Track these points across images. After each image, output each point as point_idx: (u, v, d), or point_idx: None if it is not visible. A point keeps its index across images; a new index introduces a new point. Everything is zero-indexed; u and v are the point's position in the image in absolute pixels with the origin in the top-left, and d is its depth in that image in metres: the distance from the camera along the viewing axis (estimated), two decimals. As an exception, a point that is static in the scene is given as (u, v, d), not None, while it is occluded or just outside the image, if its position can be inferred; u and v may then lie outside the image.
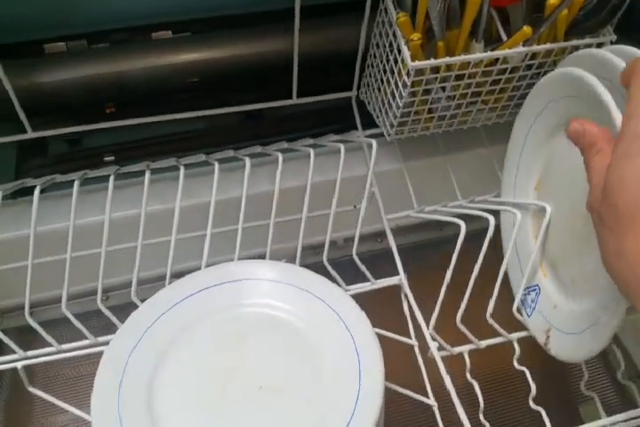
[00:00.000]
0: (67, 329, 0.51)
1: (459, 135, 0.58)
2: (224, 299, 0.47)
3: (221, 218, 0.53)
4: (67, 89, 0.59)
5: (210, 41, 0.62)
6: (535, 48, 0.47)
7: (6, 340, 0.48)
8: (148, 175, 0.50)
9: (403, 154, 0.59)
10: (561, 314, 0.47)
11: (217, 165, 0.50)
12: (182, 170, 0.51)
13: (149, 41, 0.62)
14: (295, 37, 0.53)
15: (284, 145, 0.56)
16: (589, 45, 0.49)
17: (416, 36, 0.45)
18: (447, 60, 0.46)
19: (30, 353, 0.49)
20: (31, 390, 0.47)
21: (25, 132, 0.56)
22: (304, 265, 0.53)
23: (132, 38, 0.61)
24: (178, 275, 0.64)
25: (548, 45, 0.47)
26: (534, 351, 0.58)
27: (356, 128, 0.60)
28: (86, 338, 0.49)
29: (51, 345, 0.49)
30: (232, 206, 0.52)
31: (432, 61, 0.46)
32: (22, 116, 0.53)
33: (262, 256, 0.53)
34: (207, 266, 0.50)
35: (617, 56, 0.40)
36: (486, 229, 0.48)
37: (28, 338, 0.53)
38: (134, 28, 0.61)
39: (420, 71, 0.47)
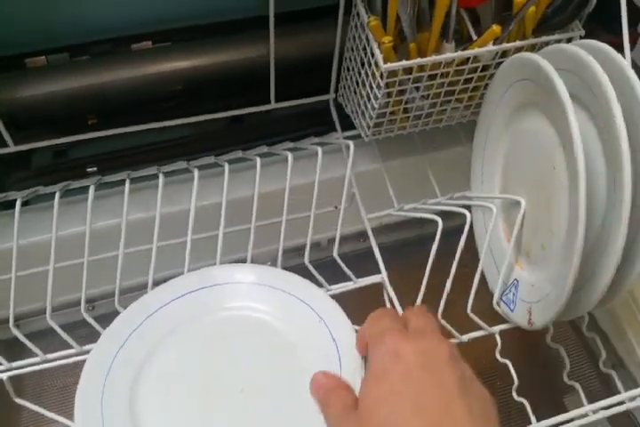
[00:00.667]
0: (54, 340, 0.50)
1: (436, 134, 0.59)
2: (206, 303, 0.47)
3: (203, 224, 0.53)
4: (49, 102, 0.60)
5: (189, 50, 0.62)
6: (505, 46, 0.48)
7: (-7, 350, 0.48)
8: (127, 184, 0.51)
9: (381, 154, 0.60)
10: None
11: (196, 172, 0.51)
12: (162, 178, 0.51)
13: (130, 52, 0.62)
14: (271, 43, 0.54)
15: (265, 149, 0.56)
16: (559, 41, 0.50)
17: (387, 39, 0.45)
18: (418, 60, 0.47)
19: (15, 364, 0.48)
20: (18, 401, 0.47)
21: (6, 146, 0.56)
22: (287, 267, 0.54)
23: (113, 50, 0.62)
24: (163, 282, 0.64)
25: (518, 43, 0.48)
26: (516, 344, 0.59)
27: (336, 130, 0.61)
28: (72, 347, 0.50)
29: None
30: (213, 212, 0.52)
31: (404, 63, 0.47)
32: (3, 129, 0.53)
33: (245, 260, 0.53)
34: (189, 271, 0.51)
35: (585, 50, 0.41)
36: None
37: (15, 350, 0.53)
38: (115, 39, 0.62)
39: (393, 73, 0.48)
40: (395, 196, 0.58)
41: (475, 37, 0.49)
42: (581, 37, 0.50)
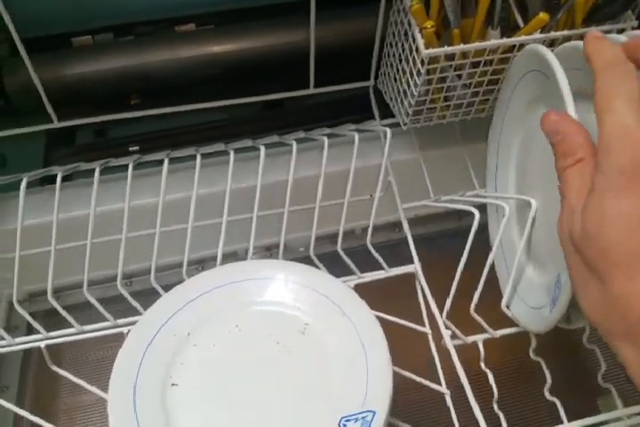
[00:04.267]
0: (91, 313, 0.52)
1: (477, 124, 0.58)
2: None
3: (238, 206, 0.54)
4: (93, 81, 0.61)
5: (232, 33, 0.63)
6: (552, 35, 0.47)
7: (31, 320, 0.50)
8: (166, 164, 0.51)
9: (420, 143, 0.59)
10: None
11: (232, 154, 0.51)
12: (199, 159, 0.52)
13: (173, 34, 0.63)
14: (311, 27, 0.53)
15: (302, 134, 0.56)
16: (609, 32, 0.48)
17: (429, 24, 0.45)
18: (461, 47, 0.46)
19: (53, 333, 0.50)
20: (54, 368, 0.49)
21: (51, 122, 0.58)
22: (321, 254, 0.55)
23: (156, 31, 0.63)
24: (197, 262, 0.65)
25: (566, 32, 0.47)
26: (551, 343, 0.58)
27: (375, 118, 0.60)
28: (108, 320, 0.51)
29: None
30: (248, 195, 0.53)
31: (446, 49, 0.46)
32: (49, 106, 0.55)
33: (277, 245, 0.54)
34: (223, 254, 0.52)
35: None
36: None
37: (53, 321, 0.55)
38: (159, 20, 0.63)
39: (434, 59, 0.47)
40: (432, 186, 0.58)
41: (522, 25, 0.48)
42: (633, 28, 0.49)
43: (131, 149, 0.61)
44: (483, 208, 0.55)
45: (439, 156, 0.61)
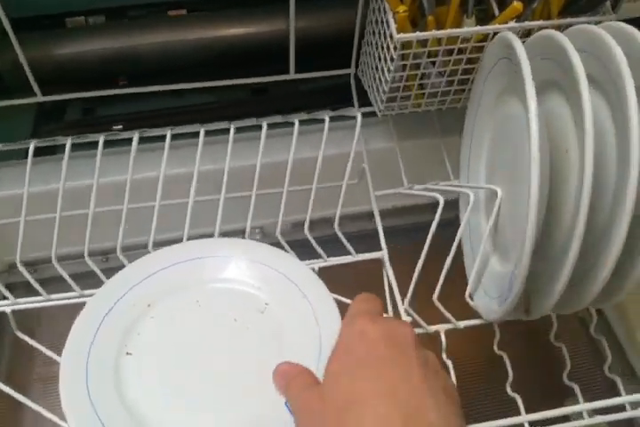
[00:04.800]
0: (65, 286, 0.53)
1: (456, 115, 0.57)
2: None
3: (210, 187, 0.54)
4: (83, 61, 0.62)
5: (220, 20, 0.64)
6: (526, 24, 0.47)
7: (1, 288, 0.51)
8: (168, 139, 0.52)
9: (397, 133, 0.59)
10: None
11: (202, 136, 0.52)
12: (202, 136, 0.53)
13: (165, 18, 0.64)
14: (291, 15, 0.54)
15: (279, 119, 0.56)
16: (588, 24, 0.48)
17: (402, 9, 0.45)
18: (433, 33, 0.46)
19: (20, 300, 0.51)
20: (18, 334, 0.49)
21: (35, 95, 0.59)
22: (294, 240, 0.55)
23: (148, 15, 0.64)
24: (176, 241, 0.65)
25: (541, 22, 0.47)
26: (518, 338, 0.57)
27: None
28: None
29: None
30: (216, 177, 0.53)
31: (418, 34, 0.46)
32: (32, 79, 0.56)
33: (255, 228, 0.54)
34: (190, 236, 0.53)
35: (609, 33, 0.40)
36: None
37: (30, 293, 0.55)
38: (151, 4, 0.64)
39: (407, 45, 0.47)
40: (406, 176, 0.57)
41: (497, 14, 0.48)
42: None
43: (114, 127, 0.62)
44: (456, 200, 0.55)
45: (416, 146, 0.61)
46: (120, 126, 0.62)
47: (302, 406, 0.37)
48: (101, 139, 0.52)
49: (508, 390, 0.49)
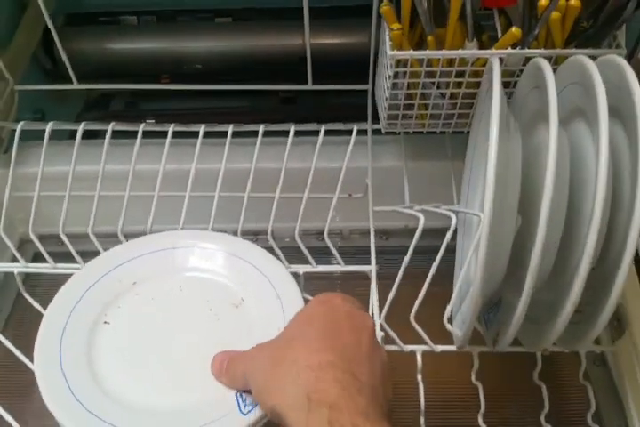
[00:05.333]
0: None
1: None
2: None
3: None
4: (132, 56, 0.68)
5: (263, 29, 0.67)
6: (524, 51, 0.46)
7: (14, 251, 0.56)
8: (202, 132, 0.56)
9: (407, 152, 0.60)
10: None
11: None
12: (230, 135, 0.56)
13: (212, 24, 0.68)
14: (306, 30, 0.56)
15: (292, 127, 0.58)
16: (592, 57, 0.46)
17: (396, 26, 0.45)
18: (427, 52, 0.46)
19: (30, 264, 0.56)
20: (25, 295, 0.54)
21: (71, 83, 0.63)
22: (308, 246, 0.56)
23: (196, 20, 0.69)
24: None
25: (541, 51, 0.46)
26: (499, 371, 0.55)
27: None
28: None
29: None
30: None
31: (412, 52, 0.46)
32: (69, 67, 0.61)
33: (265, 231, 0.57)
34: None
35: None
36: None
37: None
38: (200, 10, 0.68)
39: (404, 63, 0.48)
40: (410, 195, 0.57)
41: (501, 40, 0.48)
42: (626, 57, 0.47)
43: (147, 121, 0.66)
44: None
45: (424, 167, 0.61)
46: (152, 120, 0.67)
47: (250, 369, 0.39)
48: (140, 128, 0.56)
49: (480, 420, 0.48)
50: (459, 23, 0.47)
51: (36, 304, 0.53)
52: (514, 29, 0.45)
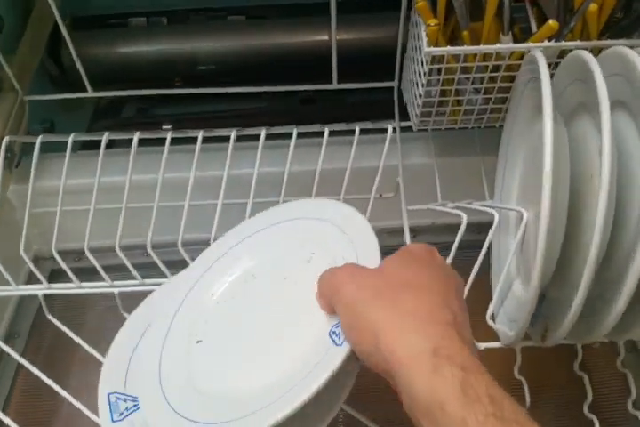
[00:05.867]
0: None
1: (497, 134, 0.57)
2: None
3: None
4: (142, 60, 0.66)
5: (278, 27, 0.66)
6: (561, 44, 0.46)
7: (35, 271, 0.54)
8: (232, 140, 0.55)
9: (437, 149, 0.59)
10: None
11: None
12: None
13: (223, 23, 0.67)
14: (332, 26, 0.55)
15: (316, 128, 0.57)
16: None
17: (433, 22, 0.45)
18: (464, 48, 0.46)
19: (54, 285, 0.54)
20: (50, 318, 0.53)
21: (86, 91, 0.62)
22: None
23: (208, 19, 0.67)
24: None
25: (576, 43, 0.46)
26: (541, 365, 0.55)
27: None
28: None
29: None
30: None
31: (448, 48, 0.46)
32: (84, 75, 0.59)
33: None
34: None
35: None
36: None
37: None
38: (212, 9, 0.67)
39: (441, 59, 0.47)
40: (441, 193, 0.57)
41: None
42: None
43: (164, 127, 0.65)
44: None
45: (455, 163, 0.60)
46: (169, 126, 0.65)
47: (349, 300, 0.36)
48: (169, 136, 0.54)
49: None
50: (493, 16, 0.46)
51: (64, 328, 0.51)
52: (551, 22, 0.44)
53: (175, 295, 0.46)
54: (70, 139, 0.54)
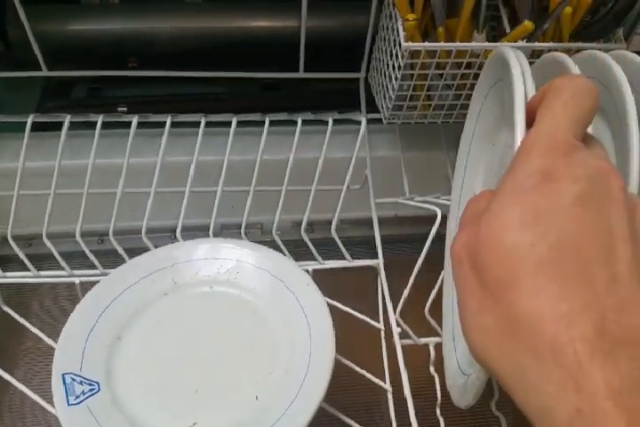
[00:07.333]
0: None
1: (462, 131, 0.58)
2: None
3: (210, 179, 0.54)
4: (96, 39, 0.62)
5: (236, 10, 0.63)
6: (535, 45, 0.46)
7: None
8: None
9: (403, 142, 0.59)
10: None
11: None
12: (203, 124, 0.53)
13: (181, 3, 0.64)
14: (303, 12, 0.54)
15: (283, 116, 0.56)
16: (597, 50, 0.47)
17: (411, 16, 0.45)
18: (442, 44, 0.46)
19: (9, 274, 0.52)
20: (5, 308, 0.50)
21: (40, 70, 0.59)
22: (293, 239, 0.56)
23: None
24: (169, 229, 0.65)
25: (550, 44, 0.46)
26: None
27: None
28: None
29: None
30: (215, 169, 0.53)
31: (425, 44, 0.46)
32: (38, 54, 0.56)
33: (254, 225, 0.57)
34: (184, 225, 0.53)
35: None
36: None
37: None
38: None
39: (415, 54, 0.47)
40: (409, 186, 0.57)
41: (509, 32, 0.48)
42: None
43: (119, 109, 0.62)
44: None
45: (421, 157, 0.61)
46: (125, 108, 0.63)
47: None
48: (99, 119, 0.52)
49: (493, 408, 0.49)
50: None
51: (21, 320, 0.49)
52: (527, 23, 0.45)
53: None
54: (29, 120, 0.52)
